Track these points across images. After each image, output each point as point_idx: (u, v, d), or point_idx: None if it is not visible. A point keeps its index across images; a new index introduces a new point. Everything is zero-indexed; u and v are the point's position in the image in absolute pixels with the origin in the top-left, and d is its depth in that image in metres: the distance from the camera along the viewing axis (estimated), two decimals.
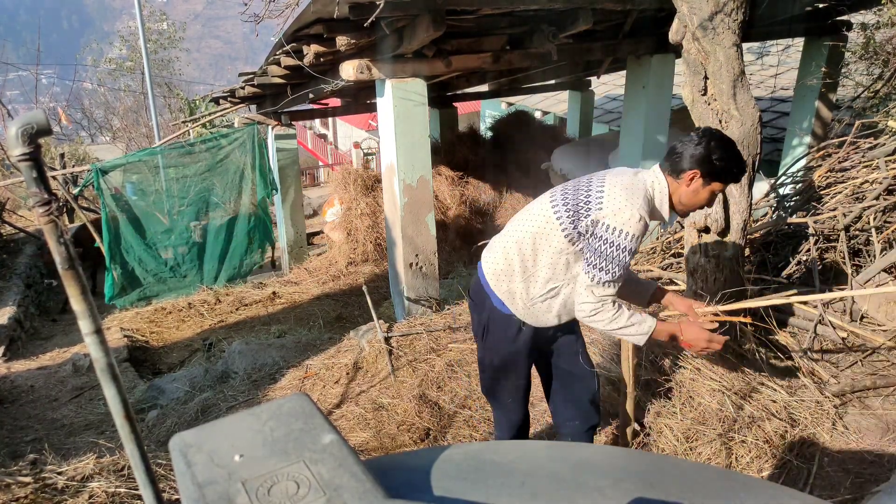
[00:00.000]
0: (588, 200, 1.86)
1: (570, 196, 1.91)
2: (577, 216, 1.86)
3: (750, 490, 1.04)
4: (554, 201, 1.94)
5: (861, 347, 3.11)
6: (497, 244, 2.08)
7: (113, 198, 6.74)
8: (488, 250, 2.11)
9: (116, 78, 20.64)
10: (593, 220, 1.83)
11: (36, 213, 0.81)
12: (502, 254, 2.03)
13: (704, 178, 1.89)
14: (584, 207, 1.86)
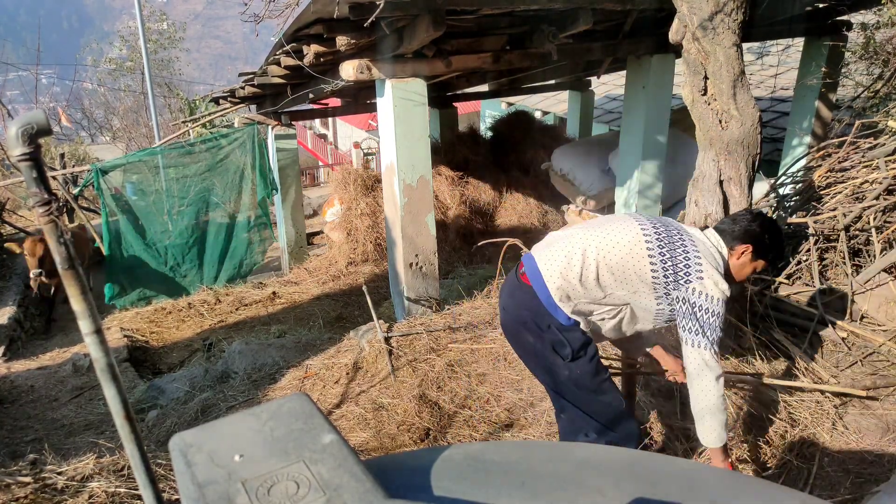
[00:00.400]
0: (688, 266, 1.92)
1: (666, 251, 1.93)
2: (676, 279, 1.92)
3: (750, 490, 1.04)
4: (650, 247, 1.94)
5: (861, 347, 3.11)
6: (558, 259, 1.99)
7: (113, 198, 6.74)
8: (546, 266, 2.00)
9: (116, 78, 20.65)
10: (693, 288, 1.90)
11: (36, 213, 0.81)
12: (563, 270, 1.97)
13: (753, 254, 2.02)
14: (684, 273, 1.91)
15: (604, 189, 6.66)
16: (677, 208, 5.77)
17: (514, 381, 3.32)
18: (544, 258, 2.03)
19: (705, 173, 2.96)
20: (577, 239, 2.02)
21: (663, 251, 1.93)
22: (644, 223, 2.00)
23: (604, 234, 1.99)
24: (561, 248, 2.01)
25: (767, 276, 3.60)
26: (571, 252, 1.99)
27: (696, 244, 1.96)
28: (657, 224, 2.01)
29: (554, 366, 2.03)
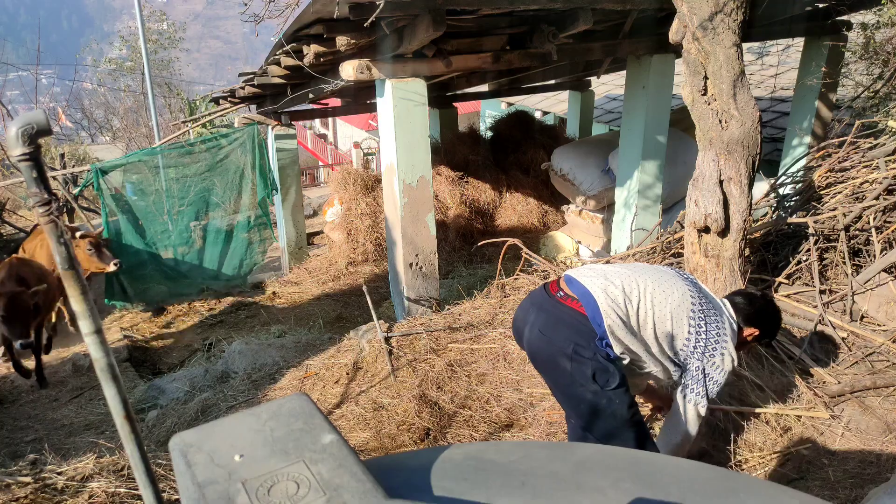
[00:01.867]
0: (717, 343, 2.04)
1: (703, 324, 2.04)
2: (704, 353, 2.04)
3: (750, 490, 1.04)
4: (693, 312, 2.04)
5: (861, 347, 3.11)
6: (617, 294, 2.01)
7: (113, 198, 6.74)
8: (604, 297, 2.00)
9: (116, 78, 20.64)
10: (714, 363, 2.04)
11: (36, 213, 0.81)
12: (622, 305, 2.00)
13: (756, 337, 2.19)
14: (711, 349, 2.04)
15: (604, 189, 6.65)
16: (677, 208, 5.78)
17: (514, 381, 3.32)
18: (600, 289, 2.01)
19: (705, 173, 2.96)
20: (633, 280, 2.05)
21: (700, 323, 2.04)
22: (691, 287, 2.11)
23: (657, 284, 2.05)
24: (618, 285, 2.03)
25: (767, 276, 3.61)
26: (630, 293, 2.02)
27: (724, 321, 2.08)
28: (700, 292, 2.12)
29: (589, 393, 1.96)
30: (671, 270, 2.15)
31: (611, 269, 2.12)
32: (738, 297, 2.21)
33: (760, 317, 2.16)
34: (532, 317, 2.06)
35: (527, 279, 4.46)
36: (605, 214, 6.90)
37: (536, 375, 3.27)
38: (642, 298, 2.01)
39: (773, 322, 2.20)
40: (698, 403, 2.07)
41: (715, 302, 2.12)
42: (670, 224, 4.70)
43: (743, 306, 2.16)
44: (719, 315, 2.08)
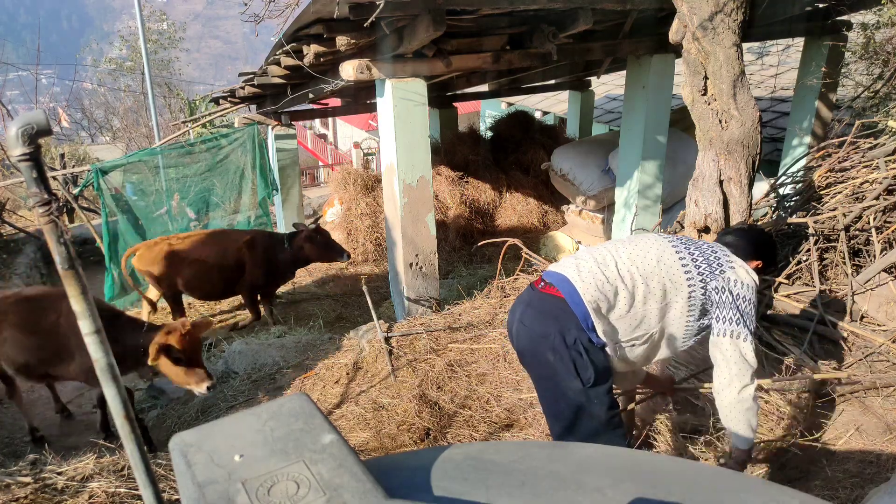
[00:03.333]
0: (717, 258, 1.95)
1: (693, 248, 1.98)
2: (711, 269, 1.93)
3: (750, 490, 1.04)
4: (679, 253, 1.96)
5: (861, 347, 3.11)
6: (591, 270, 1.94)
7: (113, 198, 6.73)
8: (579, 276, 1.93)
9: (116, 78, 20.65)
10: (728, 277, 1.91)
11: (36, 213, 0.81)
12: (597, 282, 1.91)
13: (761, 270, 2.10)
14: (717, 264, 1.94)
15: (604, 189, 6.66)
16: (677, 208, 5.78)
17: (514, 381, 3.32)
18: (573, 269, 1.97)
19: (705, 173, 2.96)
20: (605, 251, 2.00)
21: (690, 248, 1.99)
22: (664, 235, 2.05)
23: (631, 246, 2.00)
24: (590, 260, 1.97)
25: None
26: (604, 262, 1.95)
27: (719, 249, 2.01)
28: (678, 237, 2.05)
29: (570, 391, 1.90)
30: (643, 233, 2.14)
31: (581, 252, 2.08)
32: (728, 235, 2.14)
33: (759, 247, 2.08)
34: (518, 313, 2.04)
35: (527, 279, 4.46)
36: (605, 214, 6.90)
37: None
38: (619, 259, 1.96)
39: (772, 248, 2.13)
40: (738, 335, 1.85)
41: (702, 243, 2.06)
42: (670, 224, 4.70)
43: (737, 242, 2.08)
44: (710, 245, 2.03)
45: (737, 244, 2.07)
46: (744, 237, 2.11)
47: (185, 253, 5.57)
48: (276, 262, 5.72)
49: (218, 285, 5.71)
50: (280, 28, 4.06)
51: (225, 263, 5.60)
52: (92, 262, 8.36)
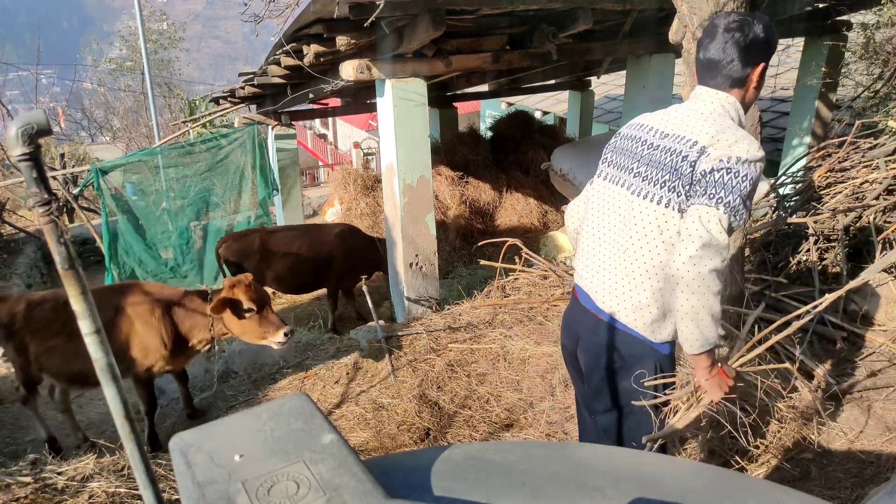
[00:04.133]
0: (682, 153, 1.55)
1: (652, 169, 1.61)
2: (678, 177, 1.54)
3: (750, 490, 1.04)
4: (636, 191, 1.64)
5: (861, 347, 3.11)
6: (601, 273, 1.72)
7: (113, 198, 6.73)
8: (606, 283, 1.71)
9: (116, 78, 20.66)
10: (703, 169, 1.50)
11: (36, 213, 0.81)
12: (617, 276, 1.69)
13: (764, 68, 1.63)
14: (682, 162, 1.54)
15: None
16: None
17: (514, 381, 3.32)
18: (600, 283, 1.73)
19: None
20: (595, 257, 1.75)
21: (649, 173, 1.62)
22: (620, 179, 1.71)
23: (599, 221, 1.75)
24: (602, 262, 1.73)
25: (767, 276, 3.60)
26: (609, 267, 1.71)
27: (688, 125, 1.60)
28: (623, 155, 1.72)
29: (631, 390, 1.73)
30: (599, 188, 1.82)
31: (588, 258, 1.82)
32: (707, 65, 1.63)
33: (753, 45, 1.57)
34: (576, 334, 1.90)
35: (527, 279, 4.46)
36: None
37: (536, 375, 3.27)
38: (597, 256, 1.74)
39: (769, 31, 1.59)
40: (711, 204, 1.46)
41: (640, 139, 1.70)
42: None
43: (723, 64, 1.60)
44: (661, 135, 1.65)
45: (723, 67, 1.60)
46: (728, 47, 1.58)
47: (277, 245, 5.61)
48: (361, 257, 5.77)
49: (308, 277, 5.76)
50: (280, 28, 4.06)
51: (317, 256, 5.65)
52: (92, 262, 8.37)
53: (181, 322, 3.42)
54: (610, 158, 1.80)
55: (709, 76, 1.65)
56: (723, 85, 1.63)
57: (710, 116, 1.60)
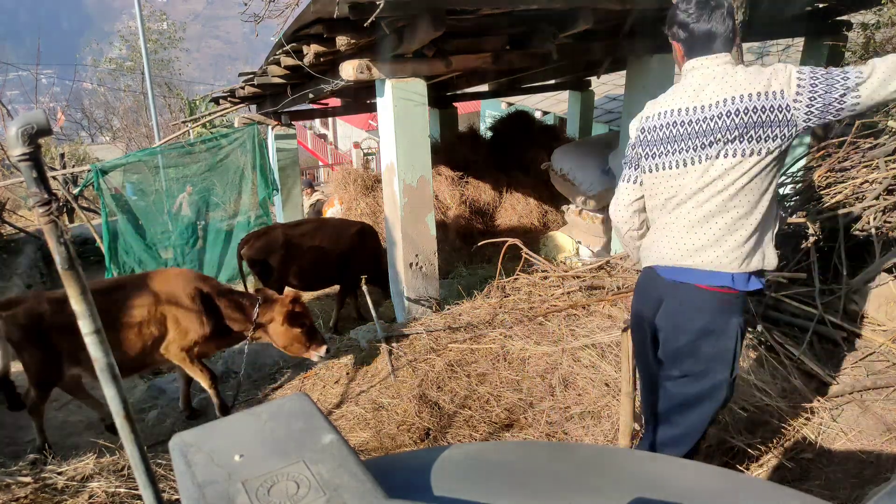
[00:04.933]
0: (758, 107, 1.72)
1: (719, 133, 1.74)
2: (769, 126, 1.73)
3: (750, 490, 1.04)
4: (711, 156, 1.76)
5: (861, 347, 3.11)
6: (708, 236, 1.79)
7: (113, 198, 6.73)
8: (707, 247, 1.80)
9: (116, 78, 20.67)
10: (794, 96, 1.70)
11: (36, 213, 0.81)
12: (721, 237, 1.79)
13: None
14: (768, 113, 1.72)
15: (604, 189, 6.65)
16: None
17: (514, 381, 3.32)
18: (694, 252, 1.82)
19: None
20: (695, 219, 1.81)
21: (727, 139, 1.74)
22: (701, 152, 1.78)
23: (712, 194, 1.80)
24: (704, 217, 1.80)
25: None
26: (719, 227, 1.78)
27: (739, 86, 1.73)
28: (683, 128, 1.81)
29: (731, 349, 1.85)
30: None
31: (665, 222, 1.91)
32: (709, 37, 1.81)
33: (731, 13, 1.85)
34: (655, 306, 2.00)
35: (527, 279, 4.46)
36: (606, 214, 6.90)
37: (536, 375, 3.28)
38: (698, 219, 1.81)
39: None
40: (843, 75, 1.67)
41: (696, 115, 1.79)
42: None
43: (716, 45, 1.82)
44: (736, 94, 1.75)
45: (722, 35, 1.81)
46: (725, 18, 1.81)
47: (301, 239, 5.62)
48: (380, 254, 5.78)
49: (330, 273, 5.76)
50: (280, 28, 4.06)
51: (340, 251, 5.66)
52: (92, 262, 8.37)
53: (223, 314, 3.56)
54: (655, 151, 1.88)
55: (707, 46, 1.83)
56: (721, 48, 1.82)
57: (739, 71, 1.76)
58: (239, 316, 3.59)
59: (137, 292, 3.46)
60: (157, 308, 3.44)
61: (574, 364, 3.28)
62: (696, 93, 1.81)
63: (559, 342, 3.52)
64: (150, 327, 3.42)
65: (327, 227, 5.96)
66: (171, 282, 3.53)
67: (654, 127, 1.89)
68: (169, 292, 3.47)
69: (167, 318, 3.46)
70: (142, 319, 3.40)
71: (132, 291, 3.47)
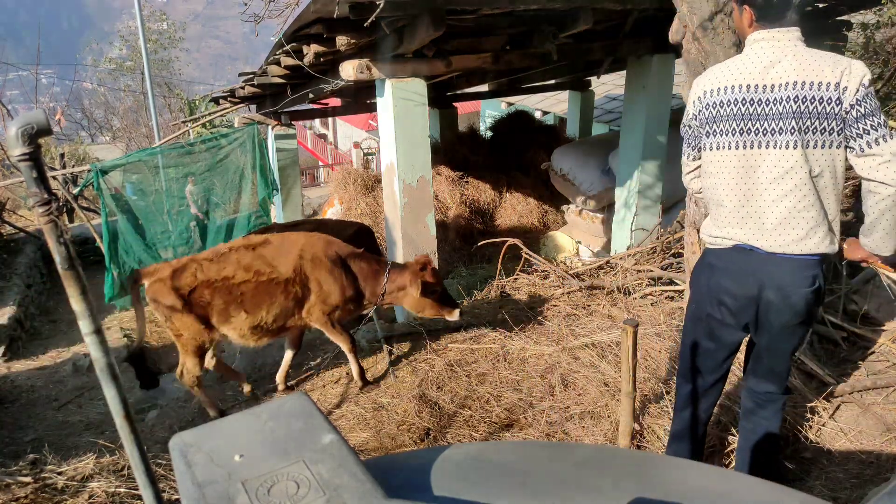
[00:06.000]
0: (820, 98, 1.69)
1: (786, 120, 1.73)
2: (823, 119, 1.69)
3: (750, 490, 1.04)
4: (776, 144, 1.75)
5: (861, 347, 3.11)
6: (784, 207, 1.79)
7: (113, 198, 6.73)
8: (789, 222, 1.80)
9: (116, 78, 20.67)
10: (852, 102, 1.67)
11: (36, 213, 0.81)
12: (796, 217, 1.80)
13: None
14: (825, 105, 1.69)
15: (604, 189, 6.65)
16: (677, 208, 5.78)
17: (514, 381, 3.32)
18: (770, 230, 1.83)
19: None
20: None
21: (803, 114, 1.71)
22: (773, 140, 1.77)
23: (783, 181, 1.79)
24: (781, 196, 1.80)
25: None
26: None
27: (806, 70, 1.70)
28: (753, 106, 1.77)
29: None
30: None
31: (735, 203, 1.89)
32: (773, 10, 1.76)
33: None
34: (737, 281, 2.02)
35: (527, 279, 4.46)
36: (606, 214, 6.90)
37: (536, 375, 3.28)
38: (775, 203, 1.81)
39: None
40: (881, 133, 1.67)
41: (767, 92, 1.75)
42: (670, 224, 4.70)
43: (788, 18, 1.76)
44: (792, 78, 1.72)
45: (795, 6, 1.76)
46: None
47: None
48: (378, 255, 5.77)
49: None
50: (280, 28, 4.05)
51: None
52: (92, 262, 8.37)
53: (359, 278, 3.56)
54: (717, 128, 1.85)
55: (782, 14, 1.75)
56: (791, 22, 1.76)
57: (814, 55, 1.72)
58: (373, 282, 3.59)
59: (284, 250, 3.45)
60: (303, 268, 3.42)
61: (574, 364, 3.28)
62: (765, 69, 1.76)
63: (559, 342, 3.53)
64: (295, 286, 3.39)
65: (325, 227, 5.95)
66: (315, 244, 3.52)
67: (717, 103, 1.83)
68: (314, 254, 3.46)
69: (310, 280, 3.43)
70: (288, 277, 3.37)
71: (279, 249, 3.46)
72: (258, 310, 3.33)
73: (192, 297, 3.30)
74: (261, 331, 3.41)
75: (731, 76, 1.81)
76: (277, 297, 3.36)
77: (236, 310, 3.32)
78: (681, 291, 3.80)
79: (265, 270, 3.33)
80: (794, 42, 1.76)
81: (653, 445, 2.66)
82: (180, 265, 3.36)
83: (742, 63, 1.81)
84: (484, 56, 4.64)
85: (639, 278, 4.19)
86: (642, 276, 4.19)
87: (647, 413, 2.81)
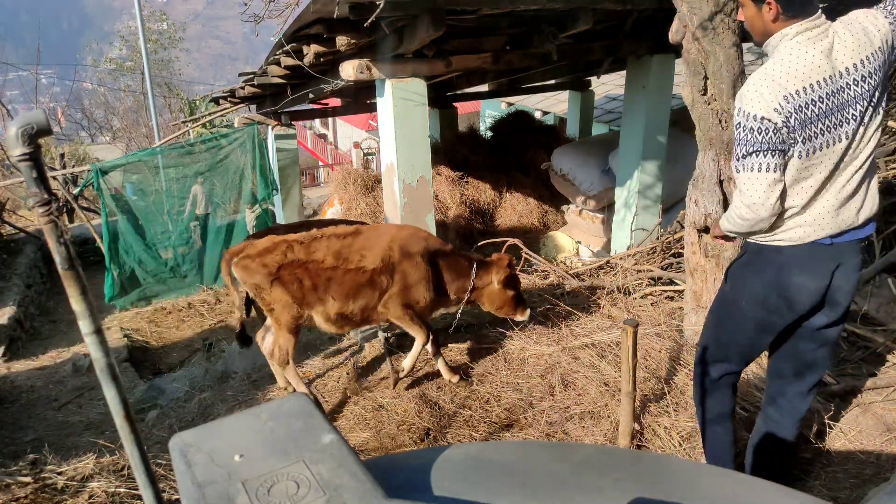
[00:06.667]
0: (886, 61, 1.80)
1: (864, 101, 1.78)
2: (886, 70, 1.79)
3: (750, 490, 1.04)
4: (863, 121, 1.80)
5: (861, 347, 3.11)
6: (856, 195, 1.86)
7: (113, 198, 6.74)
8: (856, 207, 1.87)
9: (116, 78, 20.68)
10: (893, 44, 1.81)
11: (36, 213, 0.81)
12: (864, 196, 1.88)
13: None
14: (883, 61, 1.80)
15: (604, 189, 6.65)
16: (677, 208, 5.78)
17: (513, 381, 3.33)
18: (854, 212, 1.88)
19: (705, 173, 2.96)
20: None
21: (872, 103, 1.80)
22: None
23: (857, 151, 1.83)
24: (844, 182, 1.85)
25: None
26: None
27: (857, 48, 1.78)
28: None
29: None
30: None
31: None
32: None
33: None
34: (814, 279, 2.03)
35: (527, 279, 4.46)
36: (606, 214, 6.90)
37: (536, 375, 3.28)
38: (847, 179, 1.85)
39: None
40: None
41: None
42: (670, 224, 4.70)
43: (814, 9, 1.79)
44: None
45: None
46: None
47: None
48: None
49: None
50: (280, 28, 4.06)
51: None
52: (92, 262, 8.38)
53: (445, 275, 3.51)
54: (813, 131, 1.78)
55: (810, 4, 1.78)
56: (817, 7, 1.80)
57: (849, 29, 1.79)
58: (459, 280, 3.53)
59: (373, 240, 3.40)
60: (391, 259, 3.35)
61: (574, 364, 3.28)
62: (825, 59, 1.75)
63: (559, 342, 3.52)
64: (382, 276, 3.33)
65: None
66: (404, 237, 3.46)
67: (802, 106, 1.75)
68: (402, 246, 3.40)
69: (395, 271, 3.36)
70: (375, 267, 3.32)
71: (368, 239, 3.41)
72: (346, 297, 3.29)
73: (281, 274, 3.25)
74: (345, 319, 3.36)
75: (804, 75, 1.74)
76: (365, 288, 3.32)
77: (325, 293, 3.28)
78: (681, 291, 3.79)
79: (354, 259, 3.29)
80: (828, 27, 1.78)
81: (653, 445, 2.66)
82: (271, 243, 3.32)
83: (801, 60, 1.75)
84: (484, 56, 4.64)
85: (639, 278, 4.19)
86: (642, 276, 4.19)
87: (647, 413, 2.81)
